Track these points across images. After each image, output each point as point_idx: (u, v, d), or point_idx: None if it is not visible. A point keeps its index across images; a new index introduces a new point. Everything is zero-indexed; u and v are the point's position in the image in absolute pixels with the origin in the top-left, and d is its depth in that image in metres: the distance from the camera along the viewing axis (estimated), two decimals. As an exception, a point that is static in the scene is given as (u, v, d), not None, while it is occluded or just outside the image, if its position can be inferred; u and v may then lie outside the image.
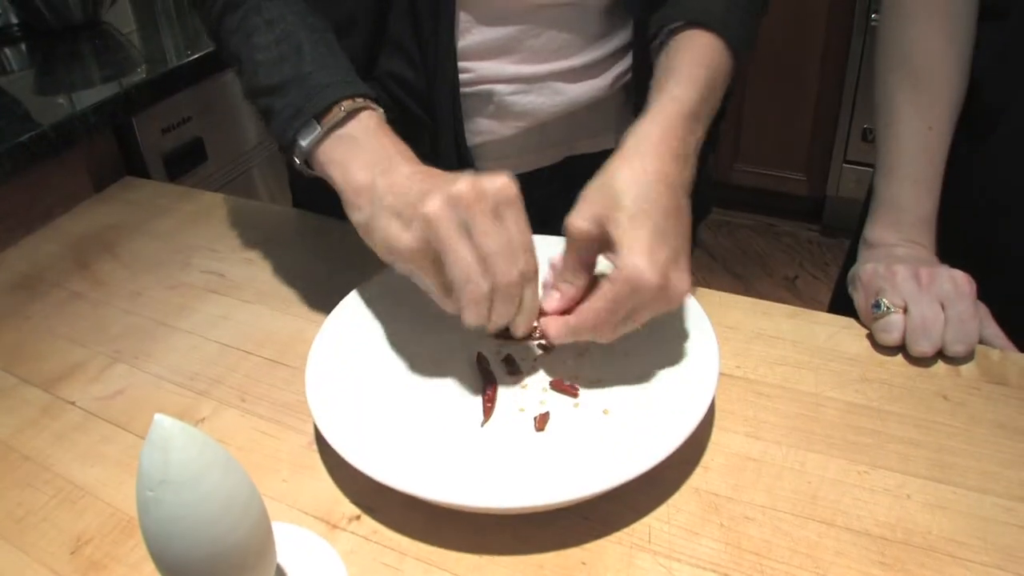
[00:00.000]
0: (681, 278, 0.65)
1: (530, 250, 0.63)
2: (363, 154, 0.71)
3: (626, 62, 0.91)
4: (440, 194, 0.61)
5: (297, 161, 0.75)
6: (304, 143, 0.73)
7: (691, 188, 0.71)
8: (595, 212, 0.65)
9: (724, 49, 0.77)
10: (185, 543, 0.46)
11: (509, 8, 0.84)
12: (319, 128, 0.72)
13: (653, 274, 0.62)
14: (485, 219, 0.61)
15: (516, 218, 0.62)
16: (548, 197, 0.79)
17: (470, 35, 0.84)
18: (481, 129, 0.90)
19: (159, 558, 0.47)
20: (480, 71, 0.86)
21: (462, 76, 0.85)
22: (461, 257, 0.61)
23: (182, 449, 0.45)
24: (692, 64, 0.74)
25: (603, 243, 0.66)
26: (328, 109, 0.72)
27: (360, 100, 0.73)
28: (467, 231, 0.61)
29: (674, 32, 0.78)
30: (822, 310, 0.81)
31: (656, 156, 0.67)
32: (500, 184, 0.62)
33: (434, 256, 0.63)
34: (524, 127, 0.90)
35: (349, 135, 0.72)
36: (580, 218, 0.66)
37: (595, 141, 0.95)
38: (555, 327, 0.67)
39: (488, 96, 0.88)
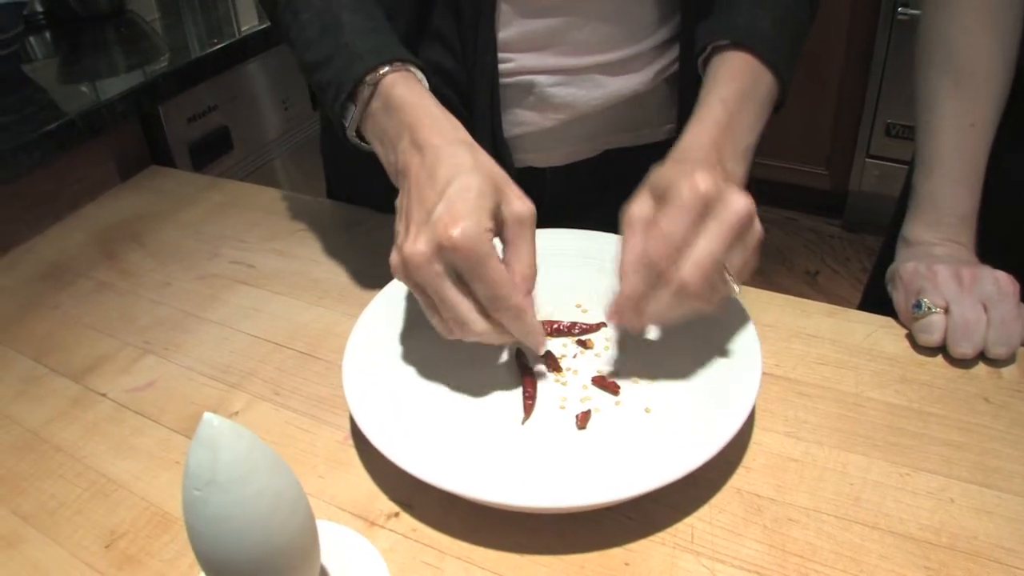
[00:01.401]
0: (739, 196, 0.64)
1: (510, 288, 0.62)
2: (389, 130, 0.70)
3: (670, 56, 0.90)
4: (424, 239, 0.61)
5: (354, 139, 0.75)
6: (347, 124, 0.73)
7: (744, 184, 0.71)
8: (650, 199, 0.65)
9: (766, 71, 0.77)
10: (232, 544, 0.45)
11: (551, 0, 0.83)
12: (354, 107, 0.72)
13: (708, 182, 0.62)
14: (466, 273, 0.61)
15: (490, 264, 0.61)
16: (586, 190, 0.78)
17: (511, 27, 0.83)
18: (520, 120, 0.89)
19: (205, 559, 0.46)
20: (521, 62, 0.85)
21: (502, 67, 0.85)
22: (451, 305, 0.62)
23: (230, 449, 0.44)
24: (735, 80, 0.76)
25: None
26: (358, 85, 0.72)
27: (388, 67, 0.72)
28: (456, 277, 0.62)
29: (720, 49, 0.78)
30: (844, 305, 0.80)
31: (706, 159, 0.67)
32: (466, 234, 0.60)
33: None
34: (563, 119, 0.89)
35: (374, 110, 0.72)
36: (636, 204, 0.65)
37: (635, 135, 0.94)
38: (629, 265, 0.64)
39: (528, 87, 0.87)
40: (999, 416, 0.68)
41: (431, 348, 0.75)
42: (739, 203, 0.63)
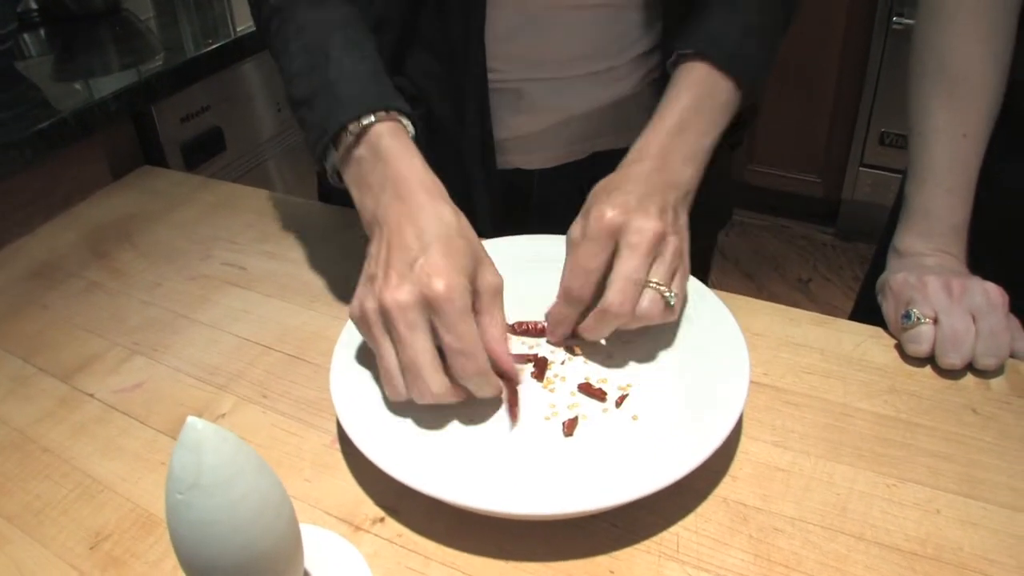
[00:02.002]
0: (644, 219, 0.68)
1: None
2: (372, 180, 0.71)
3: (654, 60, 0.91)
4: (407, 289, 0.62)
5: (333, 178, 0.77)
6: (327, 165, 0.75)
7: (694, 186, 0.76)
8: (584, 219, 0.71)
9: (725, 80, 0.79)
10: (215, 548, 0.45)
11: (540, 10, 0.83)
12: (335, 151, 0.74)
13: (612, 213, 0.68)
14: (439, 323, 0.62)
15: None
16: (573, 192, 0.79)
17: (501, 35, 0.83)
18: (508, 124, 0.90)
19: (188, 563, 0.46)
20: (509, 71, 0.86)
21: (492, 75, 0.85)
22: (415, 355, 0.62)
23: (215, 452, 0.44)
24: (691, 90, 0.78)
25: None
26: (340, 132, 0.72)
27: (373, 116, 0.72)
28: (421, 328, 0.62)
29: (684, 58, 0.80)
30: (836, 313, 0.80)
31: (651, 167, 0.73)
32: (450, 287, 0.61)
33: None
34: (551, 123, 0.91)
35: (358, 157, 0.72)
36: (574, 226, 0.71)
37: (620, 137, 0.94)
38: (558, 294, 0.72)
39: (518, 93, 0.88)
40: (987, 427, 0.68)
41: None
42: (645, 225, 0.68)
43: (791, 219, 3.20)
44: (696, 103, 0.77)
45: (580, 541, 0.60)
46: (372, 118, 0.71)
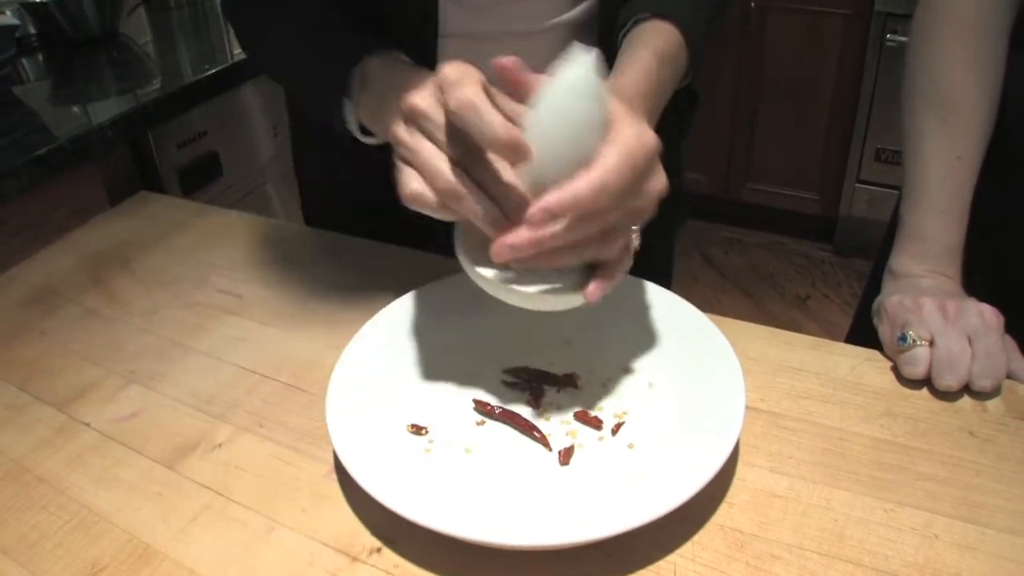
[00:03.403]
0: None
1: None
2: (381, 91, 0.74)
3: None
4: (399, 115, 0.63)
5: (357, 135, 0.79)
6: (349, 120, 0.79)
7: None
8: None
9: (684, 46, 0.79)
10: (577, 143, 0.58)
11: (489, 36, 0.88)
12: (348, 100, 0.77)
13: (652, 134, 0.61)
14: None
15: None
16: None
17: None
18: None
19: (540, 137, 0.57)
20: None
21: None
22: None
23: (599, 73, 0.57)
24: (663, 40, 0.77)
25: None
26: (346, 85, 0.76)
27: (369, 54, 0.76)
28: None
29: (640, 22, 0.79)
30: (834, 330, 0.80)
31: (637, 107, 0.70)
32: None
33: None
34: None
35: (368, 88, 0.76)
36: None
37: None
38: (567, 189, 0.58)
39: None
40: (984, 450, 0.68)
41: (415, 383, 0.75)
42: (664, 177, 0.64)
43: (788, 236, 3.21)
44: (668, 53, 0.76)
45: (577, 571, 0.59)
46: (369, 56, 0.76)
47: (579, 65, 0.56)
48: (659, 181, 0.63)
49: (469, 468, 0.67)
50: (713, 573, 0.59)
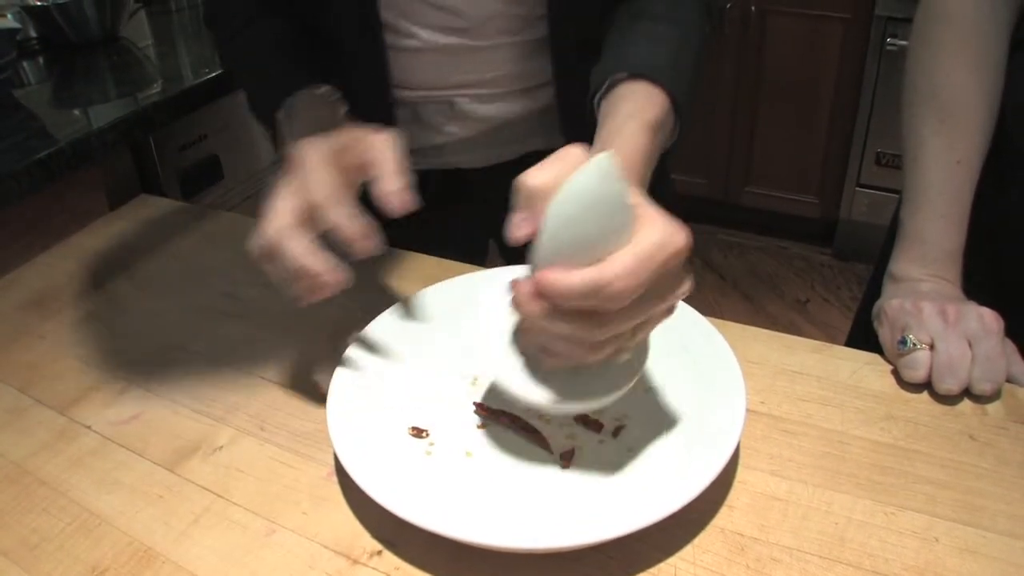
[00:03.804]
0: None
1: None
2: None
3: None
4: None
5: None
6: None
7: None
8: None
9: (670, 107, 0.75)
10: (586, 254, 0.53)
11: (454, 51, 0.91)
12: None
13: (684, 234, 0.55)
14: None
15: None
16: (510, 188, 0.81)
17: (422, 68, 0.92)
18: (443, 130, 0.97)
19: (556, 259, 0.54)
20: (440, 87, 0.94)
21: (421, 92, 0.94)
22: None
23: (616, 184, 0.53)
24: (652, 108, 0.73)
25: None
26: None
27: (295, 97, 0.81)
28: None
29: (620, 82, 0.76)
30: (834, 333, 0.80)
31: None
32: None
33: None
34: (483, 129, 0.97)
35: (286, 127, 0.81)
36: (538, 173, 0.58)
37: (551, 140, 0.96)
38: (559, 275, 0.54)
39: (450, 103, 0.95)
40: (984, 454, 0.68)
41: (416, 386, 0.75)
42: (689, 282, 0.59)
43: (788, 240, 3.21)
44: (657, 123, 0.72)
45: (577, 574, 0.59)
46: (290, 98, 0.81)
47: (594, 175, 0.52)
48: (682, 285, 0.58)
49: (470, 471, 0.67)
50: (714, 576, 0.59)
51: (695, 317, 0.77)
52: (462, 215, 1.09)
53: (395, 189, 0.66)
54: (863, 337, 0.84)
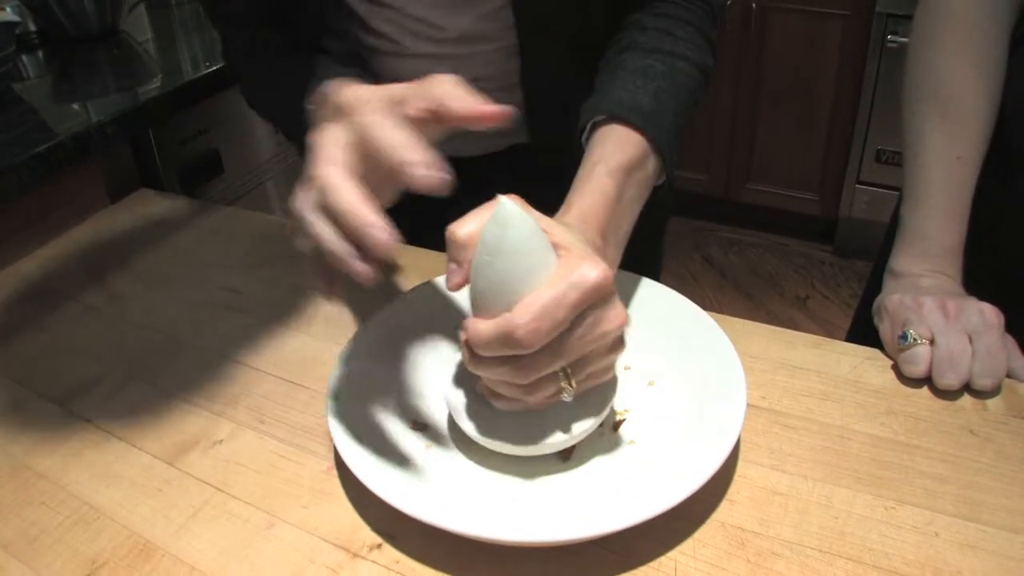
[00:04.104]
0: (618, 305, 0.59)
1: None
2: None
3: None
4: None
5: None
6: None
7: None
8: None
9: (650, 149, 0.75)
10: (502, 300, 0.56)
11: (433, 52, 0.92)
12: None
13: (598, 271, 0.55)
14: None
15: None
16: (499, 178, 0.82)
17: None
18: None
19: (478, 305, 0.58)
20: (428, 68, 0.92)
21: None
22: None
23: (516, 229, 0.55)
24: (622, 152, 0.73)
25: None
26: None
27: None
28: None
29: (598, 125, 0.77)
30: (834, 331, 0.80)
31: (592, 245, 0.64)
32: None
33: None
34: None
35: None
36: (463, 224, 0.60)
37: (534, 135, 0.99)
38: (472, 324, 0.57)
39: None
40: (984, 449, 0.68)
41: (416, 379, 0.75)
42: (621, 315, 0.59)
43: (789, 237, 3.21)
44: (628, 167, 0.72)
45: (578, 567, 0.59)
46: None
47: (497, 223, 0.55)
48: (608, 322, 0.57)
49: (470, 465, 0.67)
50: (714, 570, 0.59)
51: (696, 312, 0.77)
52: (453, 205, 1.07)
53: (490, 110, 0.61)
54: (863, 333, 0.84)
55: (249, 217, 1.12)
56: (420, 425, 0.71)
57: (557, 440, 0.63)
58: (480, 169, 1.00)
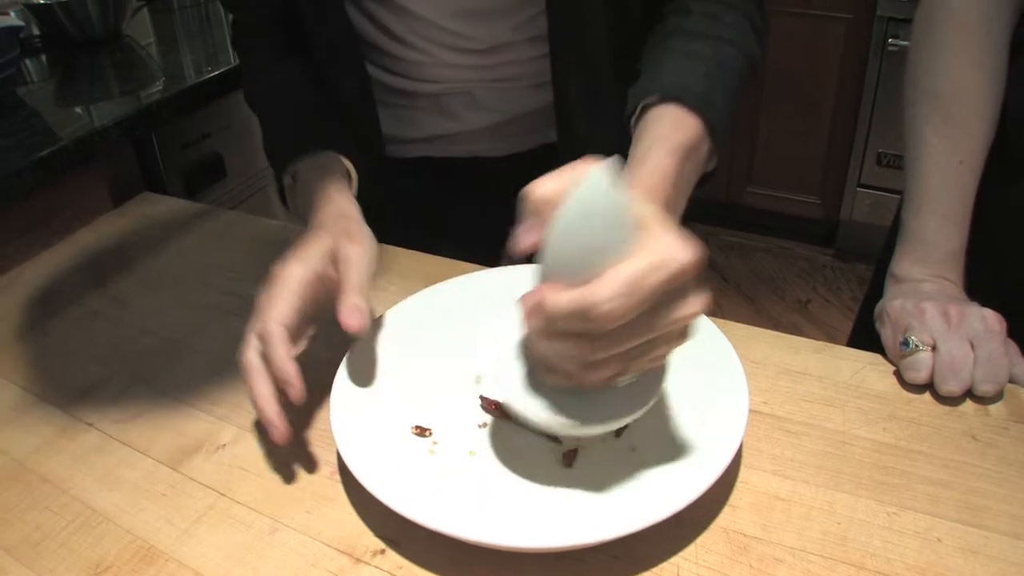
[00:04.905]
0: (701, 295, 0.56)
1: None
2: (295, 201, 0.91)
3: None
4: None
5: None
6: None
7: None
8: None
9: (705, 132, 0.74)
10: (578, 271, 0.53)
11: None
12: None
13: (689, 253, 0.53)
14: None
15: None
16: (526, 178, 0.82)
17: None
18: (463, 119, 0.99)
19: (552, 276, 0.55)
20: (460, 79, 0.96)
21: (443, 85, 0.97)
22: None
23: (612, 197, 0.52)
24: (680, 132, 0.72)
25: None
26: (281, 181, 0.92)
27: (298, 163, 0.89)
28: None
29: (648, 107, 0.75)
30: (835, 334, 0.80)
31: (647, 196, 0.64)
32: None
33: None
34: (500, 120, 0.99)
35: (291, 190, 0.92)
36: (544, 183, 0.58)
37: None
38: (550, 294, 0.54)
39: (470, 95, 0.97)
40: (986, 454, 0.68)
41: (419, 384, 0.75)
42: (701, 301, 0.56)
43: (790, 240, 3.21)
44: (687, 148, 0.71)
45: (580, 573, 0.60)
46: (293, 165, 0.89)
47: (591, 187, 0.52)
48: (688, 307, 0.54)
49: (473, 470, 0.67)
50: (716, 576, 0.59)
51: (700, 318, 0.77)
52: (481, 204, 1.06)
53: (347, 305, 0.69)
54: (865, 337, 0.84)
55: (252, 221, 1.12)
56: (423, 430, 0.71)
57: (604, 421, 0.60)
58: (507, 169, 1.01)
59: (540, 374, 0.61)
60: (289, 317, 0.69)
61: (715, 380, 0.70)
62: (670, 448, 0.67)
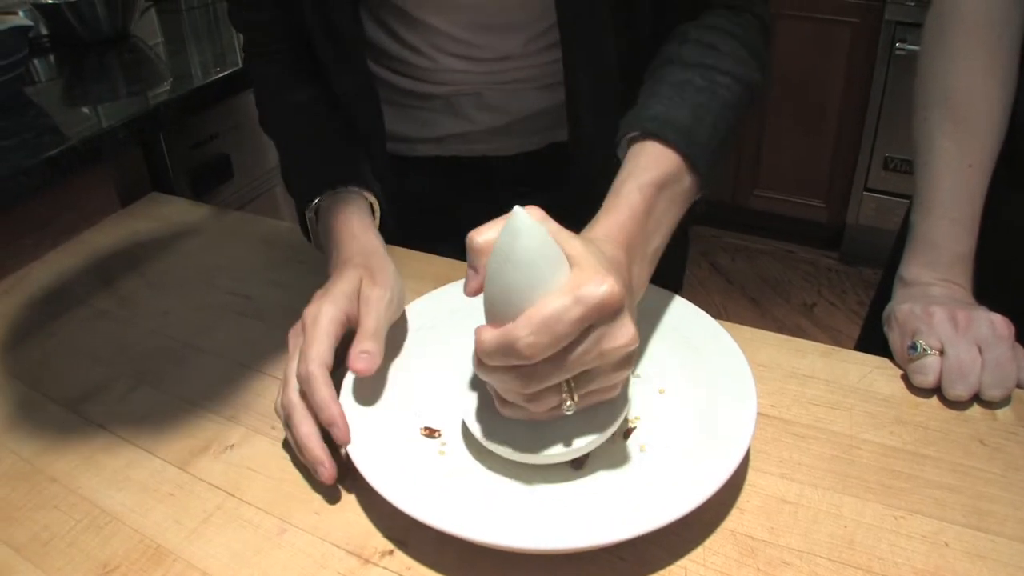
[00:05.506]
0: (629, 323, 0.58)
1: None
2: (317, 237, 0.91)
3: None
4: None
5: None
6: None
7: (644, 289, 0.71)
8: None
9: (685, 166, 0.73)
10: (508, 305, 0.57)
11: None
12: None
13: (607, 287, 0.55)
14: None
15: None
16: (532, 178, 0.85)
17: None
18: (473, 119, 1.00)
19: (490, 311, 0.59)
20: (470, 79, 0.96)
21: (452, 87, 0.98)
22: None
23: (529, 238, 0.55)
24: (655, 168, 0.72)
25: None
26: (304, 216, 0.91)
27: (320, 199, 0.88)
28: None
29: (634, 140, 0.75)
30: (840, 338, 0.80)
31: (615, 260, 0.63)
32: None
33: None
34: (508, 120, 0.99)
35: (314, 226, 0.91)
36: (482, 231, 0.60)
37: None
38: (480, 333, 0.59)
39: (479, 95, 0.97)
40: (994, 459, 0.68)
41: (428, 386, 0.75)
42: (628, 334, 0.58)
43: (796, 244, 3.21)
44: (660, 184, 0.71)
45: (588, 574, 0.60)
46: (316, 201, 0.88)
47: (508, 233, 0.56)
48: (614, 339, 0.57)
49: (481, 471, 0.67)
50: (724, 579, 0.59)
51: (705, 320, 0.77)
52: (489, 204, 1.06)
53: (356, 350, 0.70)
54: (873, 341, 0.84)
55: (259, 222, 1.12)
56: (432, 431, 0.71)
57: (558, 451, 0.63)
58: (515, 168, 1.03)
59: (497, 406, 0.64)
60: (328, 357, 0.69)
61: (723, 383, 0.70)
62: (678, 451, 0.67)
